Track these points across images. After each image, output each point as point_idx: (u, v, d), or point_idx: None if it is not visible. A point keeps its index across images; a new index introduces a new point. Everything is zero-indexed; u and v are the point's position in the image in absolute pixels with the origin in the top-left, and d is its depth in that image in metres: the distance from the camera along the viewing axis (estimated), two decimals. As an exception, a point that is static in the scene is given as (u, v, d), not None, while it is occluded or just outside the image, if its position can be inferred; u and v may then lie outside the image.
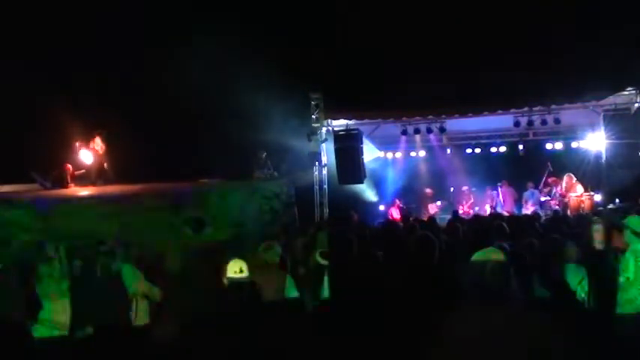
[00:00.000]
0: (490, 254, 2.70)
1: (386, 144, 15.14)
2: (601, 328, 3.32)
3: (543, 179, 13.14)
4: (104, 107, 11.57)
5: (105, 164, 10.82)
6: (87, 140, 10.86)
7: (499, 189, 13.88)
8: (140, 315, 5.54)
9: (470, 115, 12.96)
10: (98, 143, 10.78)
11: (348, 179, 13.13)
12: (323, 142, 13.28)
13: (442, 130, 13.55)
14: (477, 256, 2.68)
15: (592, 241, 5.06)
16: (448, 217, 10.66)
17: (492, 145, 14.44)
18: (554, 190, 12.85)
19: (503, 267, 2.61)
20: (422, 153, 15.09)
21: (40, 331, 5.00)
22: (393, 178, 15.58)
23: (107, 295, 5.24)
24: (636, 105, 11.81)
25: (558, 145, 13.82)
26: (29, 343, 4.74)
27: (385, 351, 3.65)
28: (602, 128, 12.11)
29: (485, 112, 12.55)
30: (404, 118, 13.33)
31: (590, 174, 12.79)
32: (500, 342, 2.45)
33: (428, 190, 14.63)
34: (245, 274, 4.58)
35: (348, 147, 12.95)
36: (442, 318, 2.65)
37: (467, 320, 2.55)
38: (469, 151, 14.74)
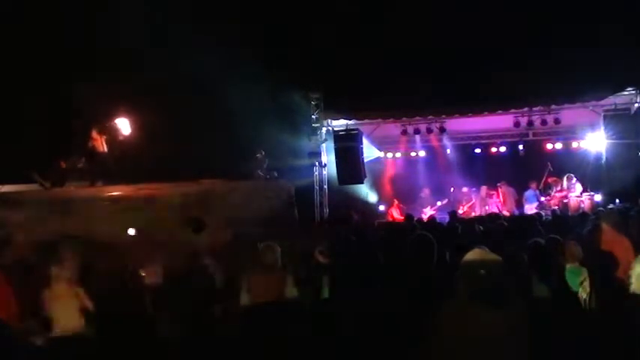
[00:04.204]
0: (484, 255, 2.69)
1: (386, 144, 15.14)
2: (603, 329, 3.31)
3: (543, 179, 13.14)
4: (102, 109, 11.57)
5: (109, 161, 10.80)
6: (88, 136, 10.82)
7: (499, 189, 13.87)
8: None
9: (470, 115, 12.99)
10: (97, 137, 10.75)
11: (348, 179, 13.14)
12: (323, 142, 13.28)
13: (442, 130, 13.57)
14: (469, 257, 2.67)
15: (595, 241, 5.07)
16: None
17: (492, 145, 14.44)
18: (553, 190, 12.85)
19: (498, 267, 2.60)
20: (422, 153, 15.09)
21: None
22: (392, 178, 15.58)
23: (124, 294, 5.26)
24: (636, 105, 11.83)
25: (558, 145, 13.82)
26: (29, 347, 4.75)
27: (385, 351, 3.65)
28: (602, 128, 12.13)
29: (485, 112, 12.57)
30: (404, 118, 13.34)
31: (590, 174, 12.79)
32: (499, 342, 2.44)
33: (425, 191, 14.60)
34: None
35: (347, 147, 12.96)
36: (442, 318, 2.65)
37: (467, 320, 2.55)
38: (469, 151, 14.73)
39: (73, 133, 11.17)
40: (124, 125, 11.04)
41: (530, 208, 12.67)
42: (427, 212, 13.65)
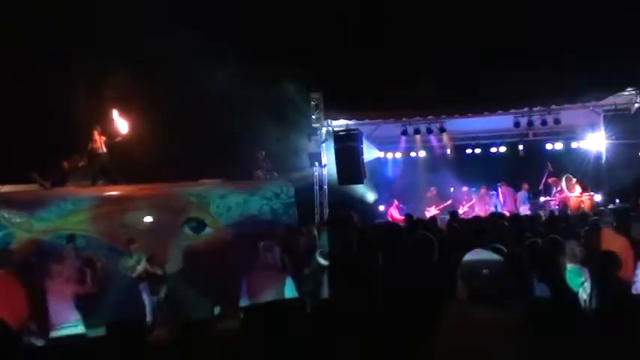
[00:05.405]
0: (485, 254, 2.68)
1: (386, 144, 15.13)
2: (604, 330, 3.31)
3: (543, 180, 13.13)
4: (102, 109, 11.59)
5: (108, 163, 10.82)
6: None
7: (499, 189, 13.87)
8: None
9: (470, 115, 12.99)
10: (97, 139, 10.78)
11: (348, 179, 13.12)
12: (323, 142, 13.27)
13: (442, 130, 13.56)
14: (470, 256, 2.66)
15: (594, 241, 5.06)
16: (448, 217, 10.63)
17: (492, 145, 14.43)
18: (553, 191, 12.84)
19: (499, 267, 2.60)
20: (422, 153, 15.08)
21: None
22: (392, 179, 15.57)
23: (125, 295, 5.26)
24: (636, 105, 11.83)
25: (558, 146, 13.82)
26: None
27: (385, 351, 3.65)
28: (602, 128, 12.15)
29: (486, 112, 12.57)
30: (404, 118, 13.34)
31: (590, 174, 12.79)
32: (499, 342, 2.44)
33: (432, 191, 14.57)
34: None
35: (348, 147, 12.93)
36: (442, 318, 2.65)
37: (467, 320, 2.54)
38: (469, 151, 14.72)
39: (74, 134, 11.19)
40: (122, 126, 11.10)
41: (524, 210, 12.66)
42: (431, 211, 13.66)
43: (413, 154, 15.15)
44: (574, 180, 12.40)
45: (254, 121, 11.92)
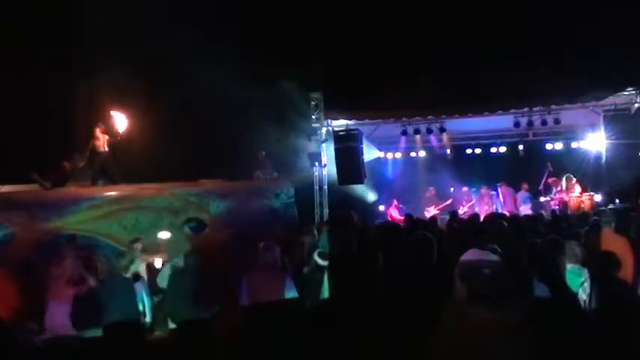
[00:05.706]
0: (483, 255, 2.68)
1: (386, 144, 15.14)
2: (603, 330, 3.31)
3: (543, 180, 13.13)
4: (102, 108, 11.58)
5: (109, 163, 10.82)
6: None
7: (499, 189, 13.87)
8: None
9: (470, 115, 12.99)
10: (100, 137, 10.78)
11: (348, 179, 13.11)
12: (323, 142, 13.27)
13: (442, 130, 13.57)
14: (467, 256, 2.66)
15: (594, 241, 5.07)
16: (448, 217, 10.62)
17: (492, 145, 14.44)
18: (553, 191, 12.84)
19: (498, 267, 2.60)
20: (422, 153, 15.08)
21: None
22: (392, 179, 15.58)
23: (120, 296, 5.25)
24: (636, 105, 11.84)
25: (558, 146, 13.82)
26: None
27: (385, 351, 3.65)
28: (602, 128, 12.15)
29: (486, 112, 12.58)
30: (404, 118, 13.34)
31: (590, 174, 12.79)
32: (499, 342, 2.44)
33: (431, 191, 14.56)
34: None
35: (348, 147, 12.92)
36: (442, 318, 2.65)
37: (466, 320, 2.55)
38: (469, 151, 14.73)
39: (74, 134, 11.19)
40: (121, 125, 11.10)
41: (524, 209, 12.66)
42: (431, 211, 13.64)
43: (413, 154, 15.15)
44: (574, 180, 12.40)
45: (254, 121, 11.92)
